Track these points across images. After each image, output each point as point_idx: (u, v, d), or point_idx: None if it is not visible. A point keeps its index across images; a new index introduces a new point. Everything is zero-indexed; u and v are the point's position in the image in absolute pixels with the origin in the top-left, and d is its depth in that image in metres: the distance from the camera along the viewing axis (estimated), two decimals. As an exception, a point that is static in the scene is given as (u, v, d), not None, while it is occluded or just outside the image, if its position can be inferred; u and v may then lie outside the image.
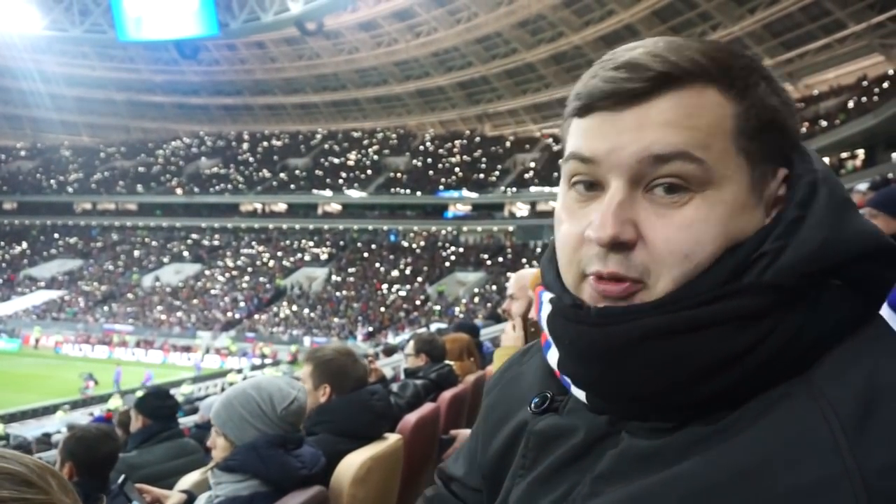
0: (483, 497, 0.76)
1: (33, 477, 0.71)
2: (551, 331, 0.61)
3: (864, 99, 25.59)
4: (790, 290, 0.52)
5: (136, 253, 44.15)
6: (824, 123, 26.15)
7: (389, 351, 12.82)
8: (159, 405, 3.22)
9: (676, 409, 0.54)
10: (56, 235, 47.44)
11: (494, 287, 31.70)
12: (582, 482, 0.58)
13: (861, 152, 25.17)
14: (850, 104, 26.07)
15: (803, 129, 26.49)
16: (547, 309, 0.62)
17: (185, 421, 8.04)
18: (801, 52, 31.36)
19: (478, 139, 46.20)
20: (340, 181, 44.59)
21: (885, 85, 25.40)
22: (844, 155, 25.57)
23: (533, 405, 0.67)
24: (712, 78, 0.54)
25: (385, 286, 35.85)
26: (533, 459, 0.65)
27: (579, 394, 0.60)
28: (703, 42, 0.57)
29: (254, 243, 43.46)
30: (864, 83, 27.57)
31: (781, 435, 0.48)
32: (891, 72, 26.74)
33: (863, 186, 5.09)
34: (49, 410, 18.91)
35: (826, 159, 24.70)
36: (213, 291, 38.07)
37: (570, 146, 0.59)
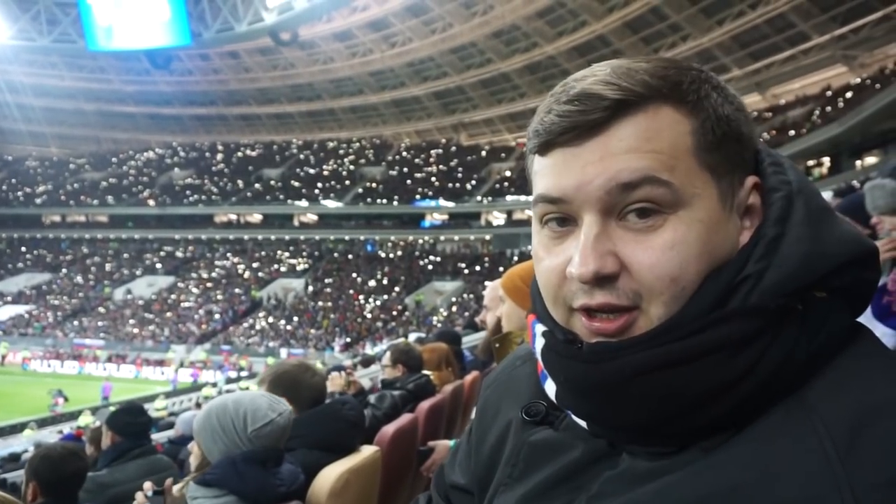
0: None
1: None
2: (546, 365, 0.61)
3: (828, 108, 26.30)
4: (775, 312, 0.52)
5: (108, 266, 43.34)
6: (792, 133, 26.81)
7: (367, 362, 12.75)
8: (130, 421, 3.15)
9: (675, 436, 0.54)
10: (24, 249, 46.36)
11: (472, 296, 31.74)
12: (577, 501, 0.58)
13: (827, 160, 25.85)
14: (816, 113, 26.77)
15: (769, 138, 27.25)
16: (540, 342, 0.62)
17: (159, 437, 7.89)
18: (768, 63, 32.19)
19: (454, 148, 46.39)
20: (316, 191, 44.36)
21: (849, 95, 26.14)
22: (811, 163, 26.22)
23: (525, 413, 0.66)
24: (665, 97, 0.54)
25: (362, 296, 35.67)
26: (522, 471, 0.64)
27: (579, 420, 0.59)
28: (650, 61, 0.56)
29: (229, 255, 42.96)
30: (829, 93, 28.38)
31: (775, 452, 0.48)
32: (853, 82, 27.54)
33: (826, 196, 5.20)
34: (16, 429, 18.38)
35: (794, 167, 25.55)
36: (186, 304, 37.50)
37: (537, 188, 0.58)
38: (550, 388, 0.62)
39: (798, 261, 0.53)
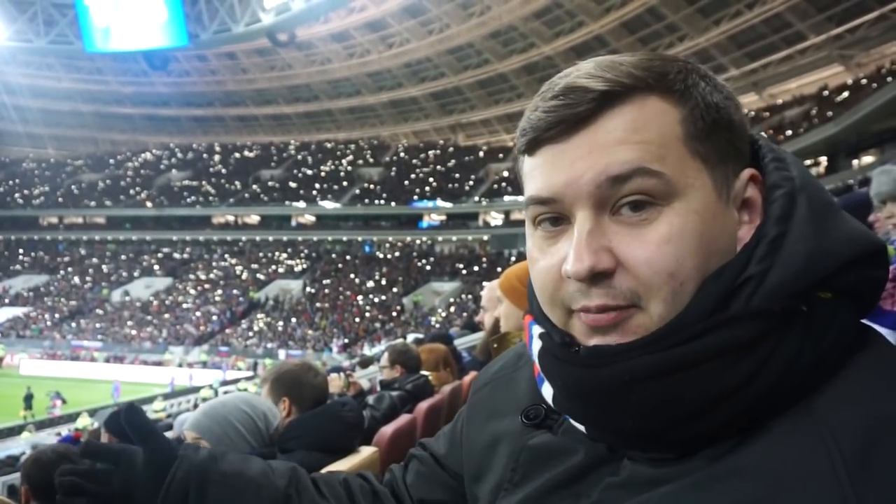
0: (459, 484, 0.76)
1: None
2: (543, 368, 0.60)
3: (825, 108, 26.36)
4: (779, 314, 0.50)
5: (105, 267, 43.26)
6: (789, 132, 26.87)
7: (365, 363, 12.73)
8: (128, 423, 3.15)
9: (676, 443, 0.52)
10: (21, 251, 46.25)
11: (470, 296, 31.74)
12: None
13: (824, 159, 25.90)
14: (813, 113, 26.83)
15: (768, 138, 27.26)
16: (537, 345, 0.61)
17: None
18: (765, 63, 32.26)
19: (451, 149, 46.40)
20: (314, 192, 44.34)
21: (845, 94, 26.21)
22: (808, 162, 26.27)
23: (525, 416, 0.65)
24: (651, 87, 0.53)
25: (360, 297, 35.66)
26: (522, 475, 0.63)
27: (578, 425, 0.58)
28: (635, 56, 0.56)
29: (226, 256, 42.90)
30: (825, 92, 28.44)
31: (782, 465, 0.46)
32: (850, 81, 27.61)
33: None
34: (14, 431, 18.34)
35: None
36: (184, 305, 37.45)
37: (527, 189, 0.57)
38: (547, 391, 0.60)
39: (802, 261, 0.51)
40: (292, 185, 45.80)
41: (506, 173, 41.23)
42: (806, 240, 0.52)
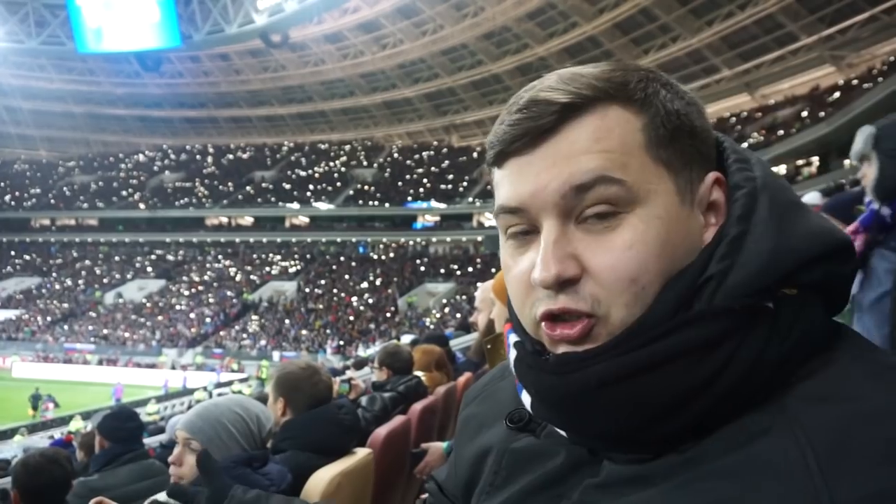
0: None
1: None
2: (519, 377, 0.61)
3: (817, 108, 26.52)
4: (742, 312, 0.51)
5: (98, 269, 43.04)
6: (781, 132, 27.02)
7: (360, 364, 12.72)
8: (118, 427, 3.13)
9: (650, 444, 0.53)
10: (12, 253, 45.96)
11: (464, 297, 31.76)
12: None
13: (815, 160, 26.05)
14: (805, 113, 26.99)
15: (761, 138, 27.48)
16: (513, 353, 0.62)
17: (150, 441, 7.84)
18: (757, 64, 32.43)
19: (445, 150, 46.41)
20: (308, 193, 44.25)
21: (837, 95, 26.37)
22: (800, 162, 26.43)
23: (509, 418, 0.66)
24: (612, 97, 0.54)
25: (354, 298, 35.61)
26: (504, 478, 0.64)
27: (558, 429, 0.59)
28: (597, 67, 0.57)
29: (220, 257, 42.77)
30: (817, 93, 28.61)
31: (756, 463, 0.47)
32: (841, 82, 27.79)
33: (814, 198, 5.22)
34: (6, 435, 18.21)
35: (783, 167, 25.59)
36: (178, 307, 37.30)
37: (497, 199, 0.59)
38: (526, 399, 0.61)
39: (763, 258, 0.52)
40: (286, 186, 45.70)
41: (500, 174, 41.25)
42: (766, 238, 0.52)
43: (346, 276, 38.24)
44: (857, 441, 0.45)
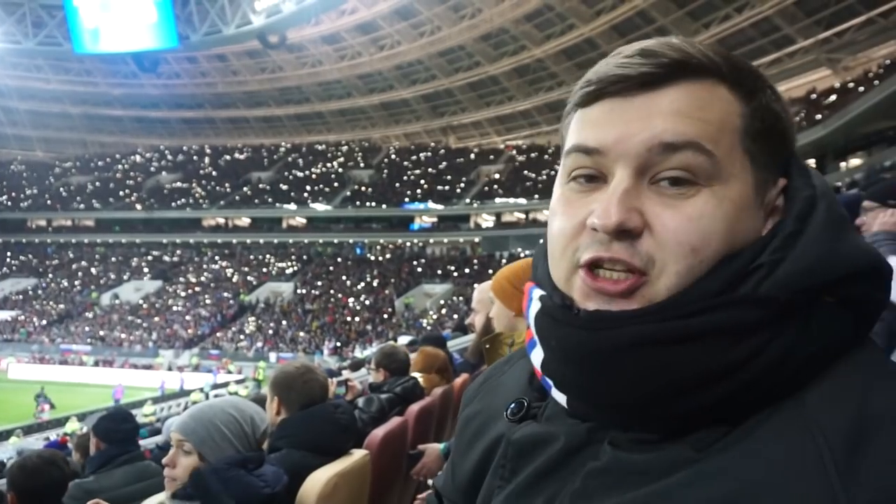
0: None
1: None
2: (538, 330, 0.60)
3: (813, 111, 26.60)
4: (784, 305, 0.51)
5: (94, 270, 42.93)
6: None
7: (356, 365, 12.69)
8: (113, 428, 3.11)
9: (659, 421, 0.52)
10: (9, 254, 45.81)
11: (461, 298, 31.75)
12: (561, 494, 0.56)
13: (812, 162, 26.12)
14: (801, 116, 27.06)
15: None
16: (536, 306, 0.60)
17: (147, 443, 7.82)
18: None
19: (442, 151, 46.43)
20: (305, 194, 44.21)
21: (833, 97, 26.46)
22: (797, 164, 26.47)
23: (509, 412, 0.65)
24: (723, 75, 0.55)
25: (351, 299, 35.58)
26: (511, 471, 0.63)
27: (560, 397, 0.58)
28: (713, 45, 0.58)
29: (217, 258, 42.69)
30: (813, 96, 28.69)
31: (770, 462, 0.47)
32: (837, 85, 27.88)
33: None
34: (1, 437, 18.14)
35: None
36: (174, 308, 37.22)
37: (572, 140, 0.57)
38: (537, 356, 0.60)
39: (815, 259, 0.52)
40: (283, 187, 45.65)
41: (497, 175, 41.32)
42: (819, 242, 0.53)
43: (343, 277, 38.21)
44: (875, 444, 0.45)
